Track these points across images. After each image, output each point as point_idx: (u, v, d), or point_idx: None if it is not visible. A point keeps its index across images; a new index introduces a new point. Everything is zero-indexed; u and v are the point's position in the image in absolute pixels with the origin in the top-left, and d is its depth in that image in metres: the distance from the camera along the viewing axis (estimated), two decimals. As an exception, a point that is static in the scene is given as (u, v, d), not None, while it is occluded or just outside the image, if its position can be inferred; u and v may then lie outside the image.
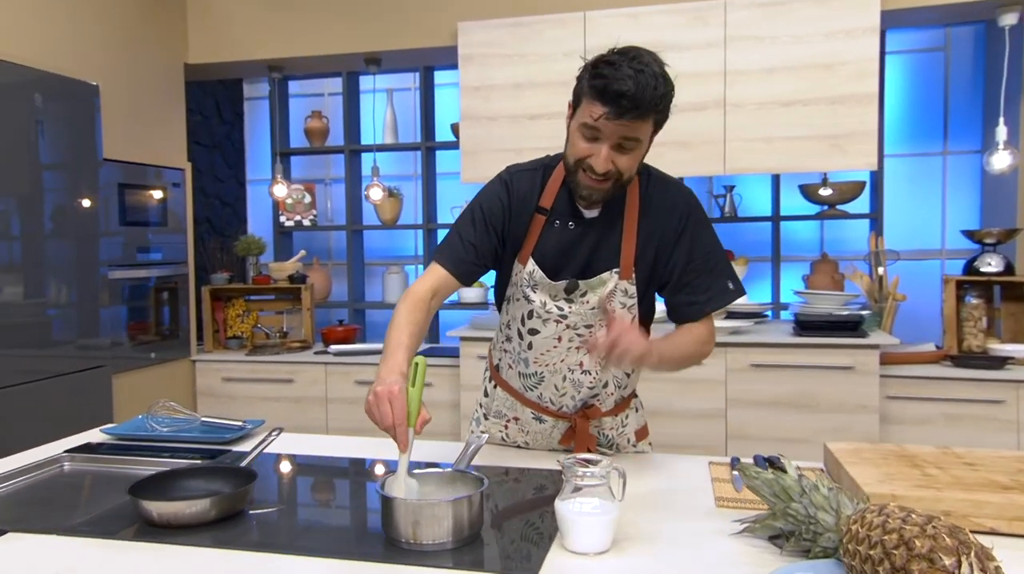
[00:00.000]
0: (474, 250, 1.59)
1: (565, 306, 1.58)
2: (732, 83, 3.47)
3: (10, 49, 2.96)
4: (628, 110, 1.37)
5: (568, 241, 1.58)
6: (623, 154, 1.44)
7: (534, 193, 1.60)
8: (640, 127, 1.42)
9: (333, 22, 3.95)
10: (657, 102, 1.40)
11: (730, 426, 3.40)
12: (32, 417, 2.92)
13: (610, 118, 1.39)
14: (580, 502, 1.19)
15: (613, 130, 1.41)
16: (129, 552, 1.20)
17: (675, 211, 1.57)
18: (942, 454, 1.48)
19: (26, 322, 2.95)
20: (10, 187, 2.89)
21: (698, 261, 1.58)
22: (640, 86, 1.37)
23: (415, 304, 1.52)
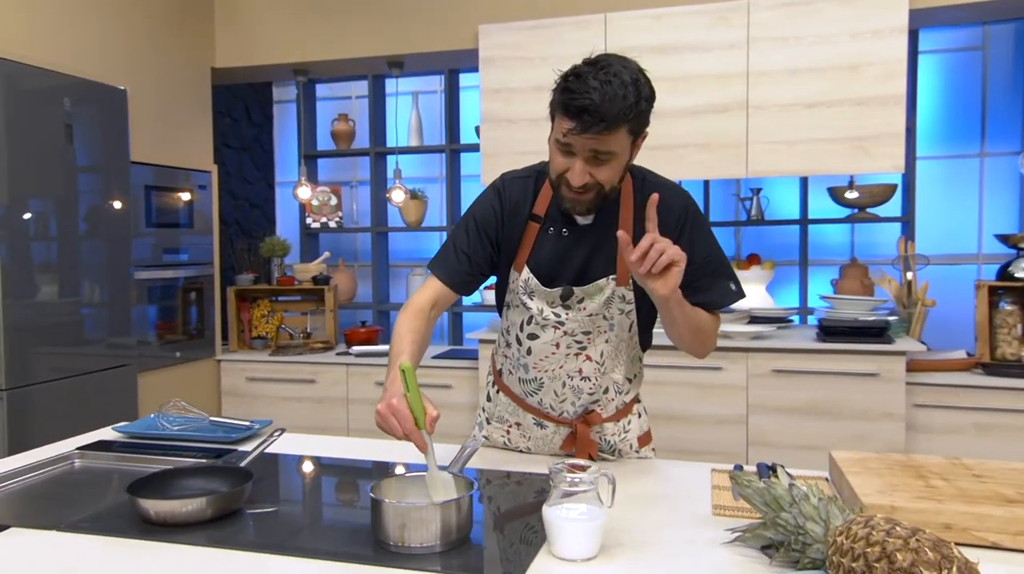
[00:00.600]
0: (467, 259, 1.60)
1: (562, 313, 1.57)
2: (755, 84, 3.42)
3: (42, 55, 3.04)
4: (592, 124, 1.35)
5: (562, 248, 1.57)
6: (599, 166, 1.42)
7: (527, 200, 1.60)
8: (610, 139, 1.39)
9: (356, 26, 3.99)
10: (626, 112, 1.36)
11: (751, 432, 3.36)
12: (60, 413, 2.99)
13: (577, 133, 1.37)
14: (567, 508, 1.18)
15: (583, 144, 1.39)
16: (125, 549, 1.22)
17: (671, 214, 1.55)
18: (951, 465, 1.44)
19: (59, 321, 3.03)
20: (41, 189, 2.96)
21: (698, 263, 1.56)
22: (605, 98, 1.34)
23: (415, 315, 1.54)
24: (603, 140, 1.38)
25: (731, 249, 4.72)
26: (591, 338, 1.58)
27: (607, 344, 1.59)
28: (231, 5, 4.14)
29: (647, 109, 1.44)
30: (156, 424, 1.90)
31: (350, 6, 4.00)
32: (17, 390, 2.87)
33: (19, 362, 2.88)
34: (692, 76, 3.48)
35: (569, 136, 1.39)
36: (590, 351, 1.59)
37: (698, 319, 1.52)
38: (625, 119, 1.37)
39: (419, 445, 1.29)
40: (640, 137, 1.49)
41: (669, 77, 3.50)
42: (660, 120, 3.54)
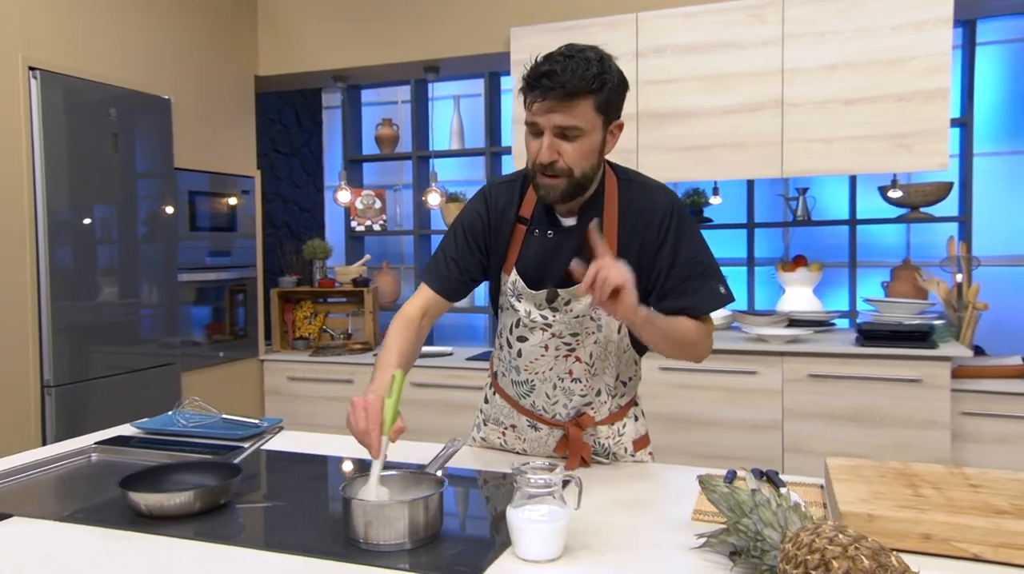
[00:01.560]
0: (456, 266, 1.62)
1: (550, 315, 1.57)
2: (790, 82, 3.34)
3: (91, 68, 3.19)
4: (551, 89, 1.36)
5: (547, 250, 1.57)
6: (567, 143, 1.42)
7: (513, 203, 1.61)
8: (574, 110, 1.39)
9: (393, 32, 4.05)
10: (589, 81, 1.37)
11: (787, 438, 3.27)
12: (105, 409, 3.13)
13: (540, 103, 1.38)
14: (530, 509, 1.18)
15: (548, 119, 1.40)
16: (112, 540, 1.27)
17: (655, 215, 1.53)
18: (948, 474, 1.38)
19: (105, 321, 3.17)
20: (88, 197, 3.11)
21: (684, 265, 1.53)
22: (567, 68, 1.36)
23: (405, 325, 1.57)
24: (567, 111, 1.38)
25: (778, 250, 4.62)
26: (579, 339, 1.58)
27: (596, 345, 1.58)
28: (273, 14, 4.26)
29: (617, 92, 1.46)
30: (172, 421, 1.97)
31: (387, 13, 4.07)
32: (65, 386, 3.02)
33: (67, 360, 3.02)
34: (725, 75, 3.42)
35: (535, 112, 1.40)
36: (579, 353, 1.58)
37: (677, 331, 1.49)
38: (588, 90, 1.38)
39: (374, 447, 1.30)
40: (614, 125, 1.49)
41: (702, 76, 3.45)
42: (693, 120, 3.53)
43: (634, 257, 1.53)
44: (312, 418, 4.01)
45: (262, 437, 1.70)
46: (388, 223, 4.89)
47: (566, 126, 1.40)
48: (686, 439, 3.37)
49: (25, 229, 2.90)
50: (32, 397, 2.93)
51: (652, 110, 3.53)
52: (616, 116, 1.49)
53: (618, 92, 1.46)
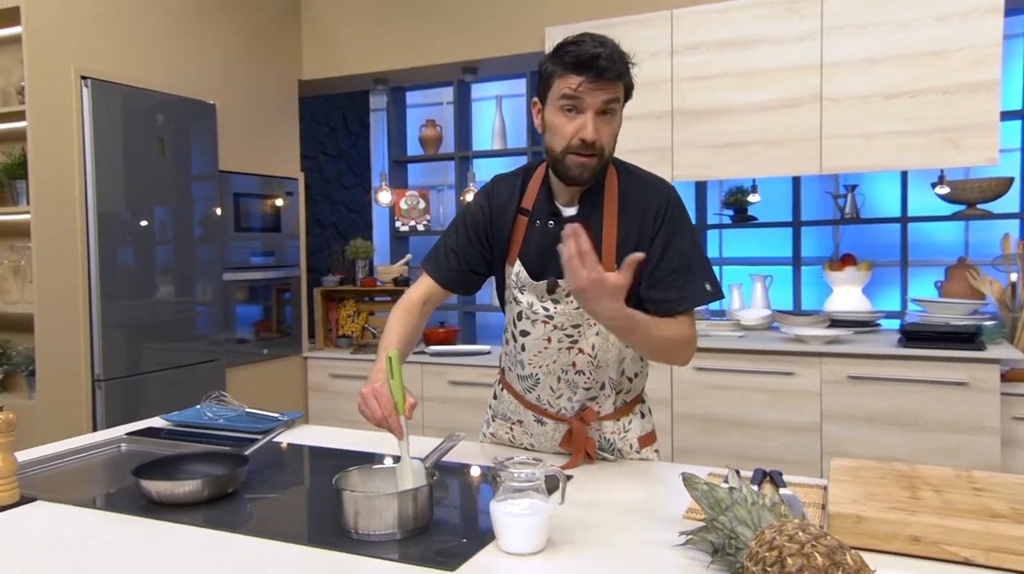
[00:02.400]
0: (456, 257, 1.65)
1: (551, 306, 1.58)
2: (829, 76, 3.26)
3: (138, 76, 3.32)
4: (605, 70, 1.42)
5: (548, 240, 1.58)
6: (605, 124, 1.46)
7: (515, 196, 1.63)
8: (616, 89, 1.45)
9: (431, 34, 4.11)
10: (624, 65, 1.46)
11: (825, 441, 3.20)
12: (152, 404, 3.26)
13: (590, 83, 1.42)
14: (511, 503, 1.20)
15: (594, 96, 1.43)
16: (120, 524, 1.34)
17: (651, 208, 1.55)
18: (954, 477, 1.34)
19: (152, 318, 3.31)
20: (137, 200, 3.25)
21: (673, 259, 1.54)
22: (609, 50, 1.44)
23: (407, 309, 1.62)
24: (611, 90, 1.44)
25: (827, 249, 4.51)
26: (581, 331, 1.59)
27: (598, 337, 1.59)
28: (316, 18, 4.37)
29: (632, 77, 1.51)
30: (200, 414, 2.05)
31: (425, 15, 4.13)
32: (114, 380, 3.16)
33: (116, 355, 3.16)
34: (762, 70, 3.36)
35: (581, 89, 1.43)
36: (582, 344, 1.59)
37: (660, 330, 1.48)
38: (624, 71, 1.46)
39: (396, 430, 1.36)
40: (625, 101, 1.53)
41: (738, 72, 3.40)
42: (730, 116, 3.49)
43: (631, 249, 1.53)
44: (353, 414, 4.09)
45: (276, 430, 1.76)
46: (432, 223, 4.95)
47: (609, 100, 1.45)
48: (721, 441, 3.32)
49: (77, 230, 3.05)
50: (83, 390, 3.08)
51: (687, 107, 3.50)
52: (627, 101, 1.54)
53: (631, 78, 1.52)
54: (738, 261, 4.74)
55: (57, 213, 2.99)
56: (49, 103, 2.96)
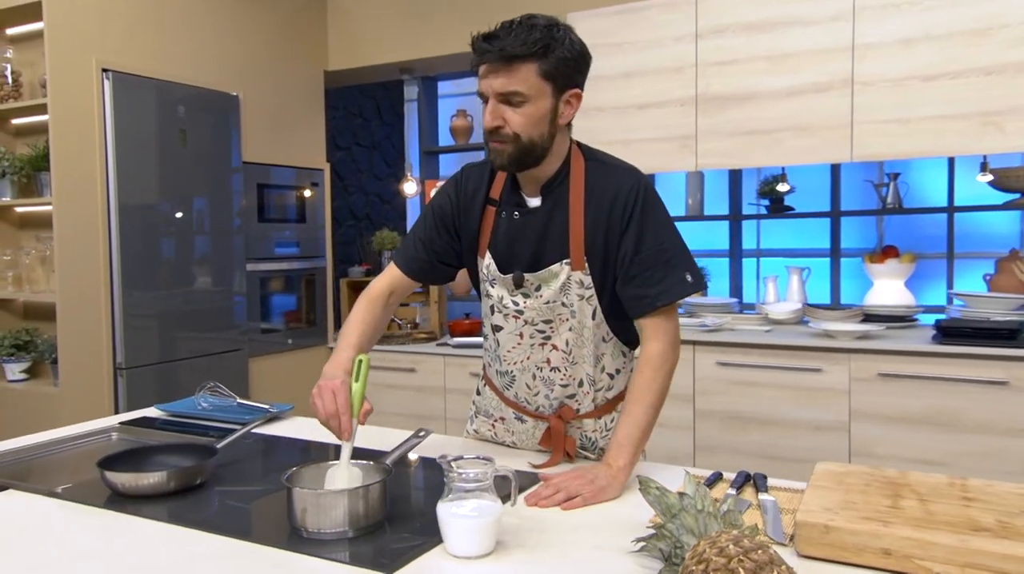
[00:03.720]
0: (423, 247, 1.61)
1: (521, 300, 1.53)
2: (861, 58, 3.11)
3: (159, 68, 3.36)
4: (488, 51, 1.35)
5: (514, 231, 1.53)
6: (512, 110, 1.38)
7: (483, 185, 1.57)
8: (515, 75, 1.36)
9: (455, 22, 4.06)
10: (531, 45, 1.34)
11: (854, 441, 3.06)
12: (173, 393, 3.30)
13: (483, 67, 1.37)
14: (458, 504, 1.15)
15: (490, 84, 1.38)
16: (81, 514, 1.33)
17: (619, 198, 1.47)
18: (947, 485, 1.24)
19: (174, 307, 3.36)
20: (158, 190, 3.29)
21: (648, 251, 1.46)
22: (510, 32, 1.35)
23: (371, 302, 1.58)
24: (509, 76, 1.36)
25: (869, 240, 4.34)
26: (553, 327, 1.53)
27: (571, 333, 1.52)
28: (342, 9, 4.37)
29: (569, 60, 1.41)
30: (194, 404, 2.05)
31: (448, 3, 4.09)
32: (136, 369, 3.21)
33: (137, 344, 3.21)
34: (790, 54, 3.22)
35: (480, 78, 1.39)
36: (555, 340, 1.54)
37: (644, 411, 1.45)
38: (529, 54, 1.35)
39: (344, 431, 1.32)
40: (570, 94, 1.44)
41: (765, 56, 3.27)
42: (756, 102, 3.36)
43: (600, 240, 1.48)
44: (376, 405, 4.08)
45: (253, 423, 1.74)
46: (461, 214, 4.92)
47: (507, 91, 1.37)
48: (743, 439, 3.21)
49: (98, 221, 3.10)
50: (105, 378, 3.14)
51: (712, 93, 3.38)
52: (571, 85, 1.44)
53: (570, 60, 1.41)
54: (774, 252, 4.59)
55: (78, 204, 3.05)
56: (70, 96, 3.01)
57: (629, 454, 1.40)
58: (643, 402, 1.44)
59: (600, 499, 1.33)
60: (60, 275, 3.00)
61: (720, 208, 4.47)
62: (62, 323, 3.01)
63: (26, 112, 3.15)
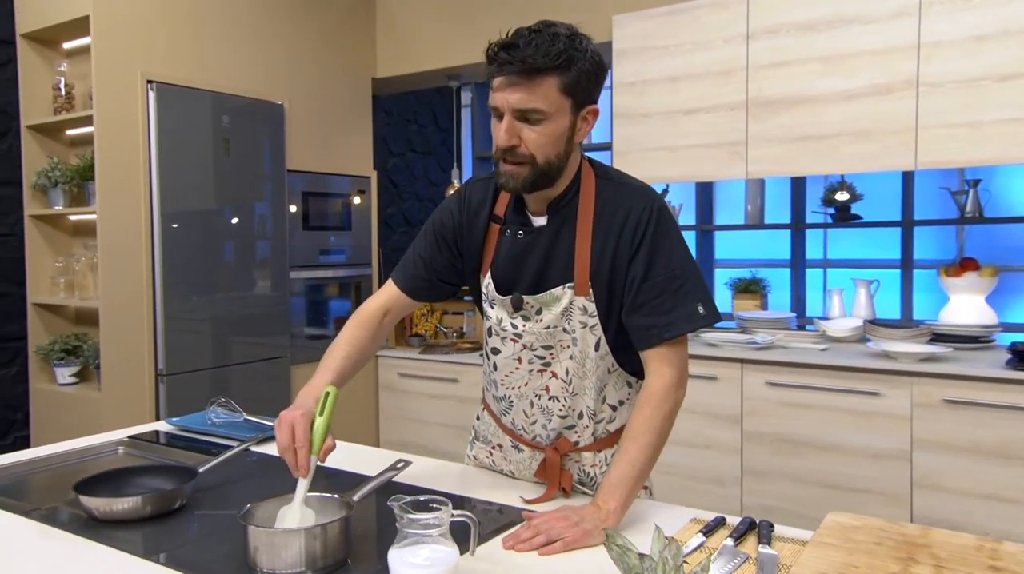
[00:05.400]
0: (423, 264, 1.52)
1: (520, 323, 1.42)
2: (928, 58, 2.87)
3: (203, 78, 3.40)
4: (508, 63, 1.24)
5: (518, 251, 1.42)
6: (529, 127, 1.28)
7: (487, 202, 1.47)
8: (536, 90, 1.25)
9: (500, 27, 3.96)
10: (553, 57, 1.23)
11: (916, 473, 2.83)
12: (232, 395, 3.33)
13: (501, 79, 1.26)
14: (411, 551, 1.06)
15: (507, 98, 1.27)
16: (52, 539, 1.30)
17: (630, 219, 1.35)
18: (973, 549, 1.09)
19: (217, 315, 3.39)
20: (201, 199, 3.32)
21: (659, 278, 1.34)
22: (530, 43, 1.24)
23: (362, 323, 1.50)
24: (528, 91, 1.25)
25: (947, 252, 4.04)
26: (553, 353, 1.42)
27: (572, 361, 1.42)
28: (390, 16, 4.35)
29: (589, 73, 1.30)
30: (205, 419, 2.03)
31: (493, 8, 4.02)
32: (177, 375, 3.25)
33: (178, 351, 3.25)
34: (848, 54, 3.01)
35: (497, 90, 1.28)
36: (555, 368, 1.43)
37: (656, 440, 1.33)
38: (552, 67, 1.25)
39: (300, 467, 1.24)
40: (587, 110, 1.33)
41: (821, 57, 3.07)
42: (810, 106, 3.16)
43: (608, 264, 1.37)
44: (419, 414, 4.05)
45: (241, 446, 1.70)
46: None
47: (526, 108, 1.26)
48: (795, 464, 3.01)
49: (141, 229, 3.15)
50: (147, 384, 3.19)
51: (763, 97, 3.19)
52: (589, 100, 1.33)
53: (591, 74, 1.31)
54: (842, 263, 4.34)
55: (122, 213, 3.10)
56: (116, 107, 3.07)
57: (622, 496, 1.29)
58: (640, 441, 1.32)
59: (584, 544, 1.22)
60: (103, 282, 3.06)
61: (782, 216, 4.26)
62: (105, 329, 3.07)
63: (77, 123, 3.24)
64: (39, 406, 3.38)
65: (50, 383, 3.35)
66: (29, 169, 3.33)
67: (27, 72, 3.33)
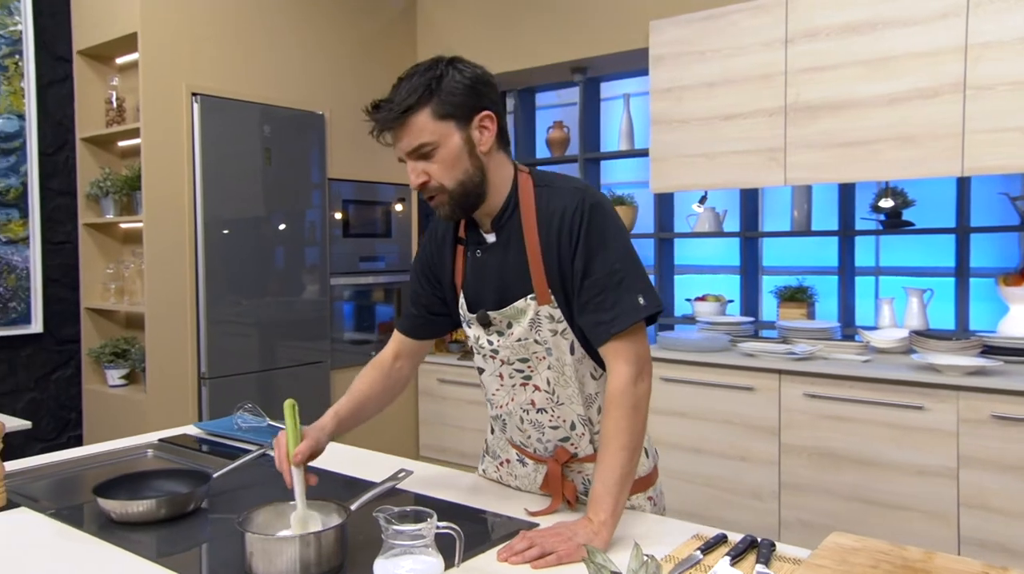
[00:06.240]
0: (413, 303, 1.59)
1: (495, 339, 1.44)
2: (976, 59, 2.77)
3: (246, 90, 3.50)
4: (382, 117, 1.31)
5: (478, 269, 1.45)
6: (429, 162, 1.32)
7: (450, 227, 1.50)
8: (412, 128, 1.30)
9: (539, 35, 4.00)
10: (413, 93, 1.28)
11: (963, 491, 2.72)
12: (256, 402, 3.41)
13: (386, 132, 1.33)
14: (394, 562, 1.07)
15: (397, 146, 1.34)
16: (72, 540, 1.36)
17: (564, 220, 1.35)
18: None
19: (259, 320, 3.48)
20: (243, 207, 3.42)
21: (598, 275, 1.34)
22: (397, 91, 1.31)
23: (374, 367, 1.60)
24: (406, 132, 1.31)
25: (1009, 259, 3.87)
26: (531, 366, 1.43)
27: (551, 371, 1.42)
28: (431, 24, 4.40)
29: (456, 91, 1.30)
30: (231, 423, 2.08)
31: (532, 16, 4.03)
32: (219, 379, 3.34)
33: (220, 355, 3.35)
34: (891, 57, 2.92)
35: (391, 141, 1.34)
36: (536, 380, 1.44)
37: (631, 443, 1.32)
38: (417, 103, 1.29)
39: (286, 478, 1.34)
40: (474, 122, 1.33)
41: (862, 60, 2.98)
42: (851, 111, 3.08)
43: (555, 267, 1.37)
44: (457, 420, 4.08)
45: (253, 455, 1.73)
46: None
47: (414, 147, 1.31)
48: (834, 479, 2.93)
49: (185, 237, 3.26)
50: (190, 387, 3.28)
51: (803, 102, 3.12)
52: (475, 111, 1.33)
53: (463, 87, 1.31)
54: (894, 271, 4.20)
55: (167, 221, 3.21)
56: (162, 120, 3.18)
57: (609, 506, 1.28)
58: (611, 446, 1.31)
59: (576, 558, 1.22)
60: (149, 288, 3.17)
61: (830, 223, 4.14)
62: (150, 334, 3.18)
63: (128, 135, 3.36)
64: (91, 406, 3.51)
65: (101, 385, 3.49)
66: (84, 179, 3.47)
67: (82, 87, 3.47)
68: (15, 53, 3.28)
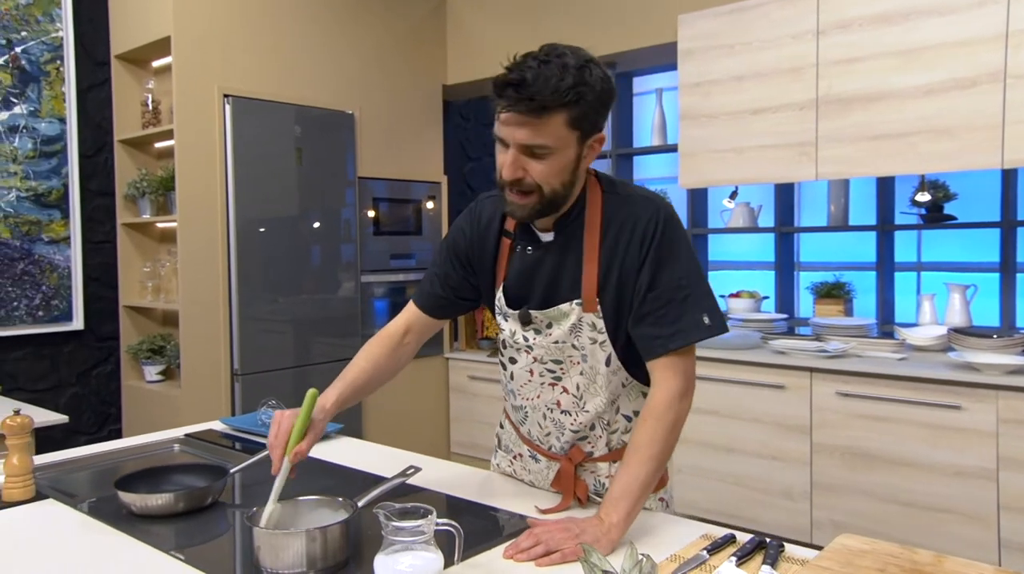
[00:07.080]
0: (439, 282, 1.54)
1: (532, 336, 1.42)
2: (1017, 47, 2.68)
3: (277, 91, 3.55)
4: (518, 101, 1.20)
5: (527, 267, 1.42)
6: (536, 161, 1.26)
7: (497, 217, 1.48)
8: (543, 127, 1.22)
9: (568, 31, 3.97)
10: (563, 94, 1.19)
11: (1003, 493, 2.64)
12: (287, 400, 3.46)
13: (508, 114, 1.23)
14: (395, 558, 1.08)
15: (514, 133, 1.24)
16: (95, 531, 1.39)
17: (636, 230, 1.32)
18: (990, 582, 1.01)
19: (290, 318, 3.53)
20: (274, 206, 3.47)
21: (664, 288, 1.31)
22: (539, 77, 1.19)
23: (381, 341, 1.55)
24: (535, 127, 1.22)
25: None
26: (564, 368, 1.41)
27: (582, 377, 1.41)
28: (460, 24, 4.41)
29: (597, 105, 1.26)
30: (256, 419, 2.11)
31: (560, 13, 4.02)
32: (251, 375, 3.40)
33: (253, 352, 3.41)
34: (926, 46, 2.84)
35: (503, 123, 1.26)
36: (565, 383, 1.42)
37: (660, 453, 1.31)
38: (560, 103, 1.21)
39: (274, 463, 1.32)
40: (593, 139, 1.30)
41: (896, 51, 2.91)
42: (884, 103, 3.01)
43: (615, 278, 1.35)
44: (488, 417, 4.09)
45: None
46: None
47: (532, 144, 1.24)
48: (867, 479, 2.87)
49: (218, 236, 3.32)
50: (223, 383, 3.35)
51: (834, 95, 3.06)
52: (595, 130, 1.30)
53: (598, 104, 1.27)
54: (936, 266, 4.09)
55: (201, 221, 3.28)
56: (195, 121, 3.25)
57: (625, 509, 1.27)
58: (642, 454, 1.30)
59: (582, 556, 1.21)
60: (183, 286, 3.24)
61: (868, 217, 4.05)
62: (184, 331, 3.25)
63: (163, 137, 3.44)
64: (129, 401, 3.61)
65: (139, 380, 3.58)
66: (121, 180, 3.56)
67: (120, 90, 3.56)
68: (56, 59, 3.37)
